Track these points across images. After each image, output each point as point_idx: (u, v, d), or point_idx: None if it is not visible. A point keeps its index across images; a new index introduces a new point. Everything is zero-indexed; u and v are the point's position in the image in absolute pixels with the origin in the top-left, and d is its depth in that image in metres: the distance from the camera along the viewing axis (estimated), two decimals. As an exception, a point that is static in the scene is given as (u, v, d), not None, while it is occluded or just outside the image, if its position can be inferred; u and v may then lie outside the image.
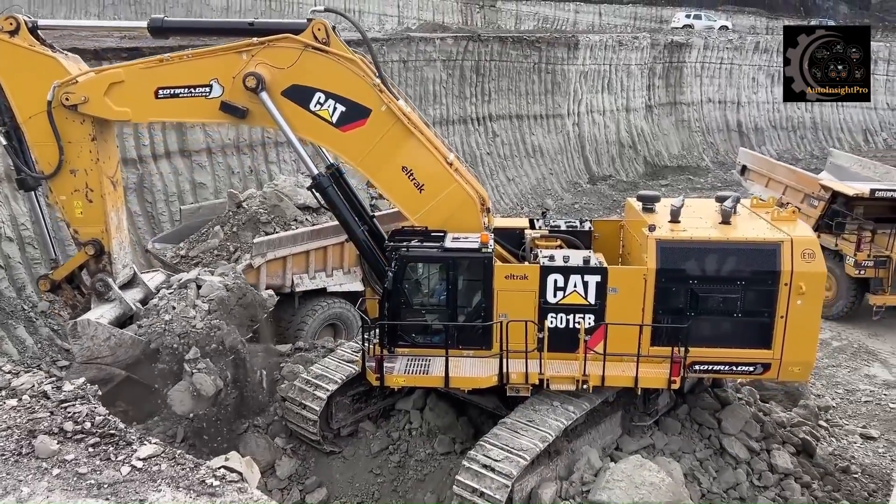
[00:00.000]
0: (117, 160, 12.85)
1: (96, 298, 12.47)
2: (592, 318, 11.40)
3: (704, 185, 38.25)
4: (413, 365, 11.61)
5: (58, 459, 6.64)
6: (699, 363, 11.58)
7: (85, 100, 11.67)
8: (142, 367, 11.85)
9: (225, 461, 6.80)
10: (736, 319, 11.46)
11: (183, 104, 11.81)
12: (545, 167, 34.92)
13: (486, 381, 11.41)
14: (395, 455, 12.55)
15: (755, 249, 11.34)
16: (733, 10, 68.11)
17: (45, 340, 16.79)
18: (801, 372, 11.85)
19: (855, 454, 14.15)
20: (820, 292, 11.43)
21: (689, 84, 42.91)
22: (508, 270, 11.44)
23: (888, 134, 47.65)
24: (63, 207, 12.26)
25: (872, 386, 17.18)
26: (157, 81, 11.72)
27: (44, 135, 11.82)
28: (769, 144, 44.51)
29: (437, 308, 11.85)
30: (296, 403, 12.51)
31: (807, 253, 11.16)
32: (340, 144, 11.86)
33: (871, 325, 20.28)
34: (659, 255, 11.25)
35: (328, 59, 11.47)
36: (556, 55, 35.78)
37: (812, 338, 11.71)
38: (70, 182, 12.05)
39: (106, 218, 12.28)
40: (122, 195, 13.06)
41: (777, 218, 12.17)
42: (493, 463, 10.29)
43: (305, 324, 16.54)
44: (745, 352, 11.51)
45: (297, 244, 16.26)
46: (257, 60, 11.50)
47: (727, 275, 11.27)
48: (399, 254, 11.41)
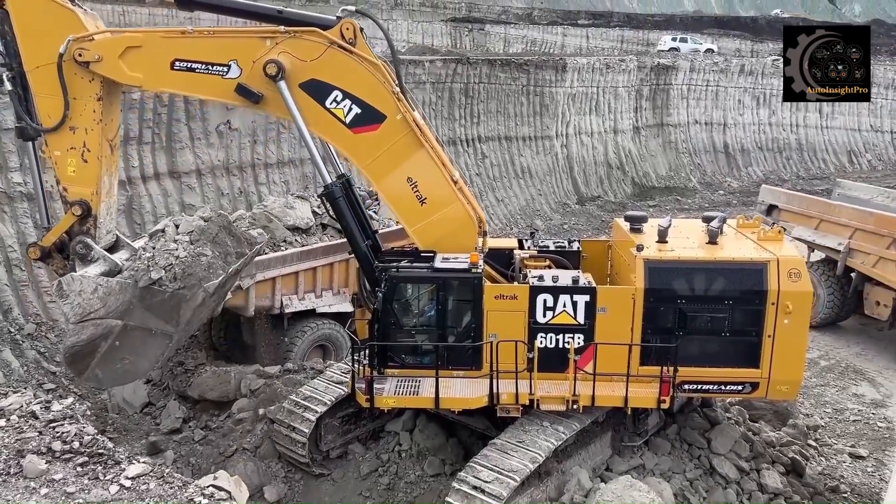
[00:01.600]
0: (118, 124, 12.67)
1: (79, 262, 12.02)
2: (582, 337, 11.44)
3: (692, 206, 38.50)
4: (403, 386, 11.56)
5: (46, 479, 6.60)
6: (688, 383, 11.61)
7: (98, 58, 11.37)
8: (136, 311, 11.40)
9: (213, 480, 6.77)
10: (724, 339, 11.50)
11: (197, 79, 11.66)
12: (534, 188, 35.10)
13: (476, 402, 11.39)
14: (384, 477, 12.48)
15: (742, 269, 11.41)
16: (718, 34, 69.09)
17: (32, 363, 16.64)
18: (789, 391, 11.88)
19: (844, 473, 14.18)
20: (806, 311, 11.46)
21: (675, 106, 43.35)
22: (498, 290, 11.46)
23: (872, 155, 48.23)
24: (56, 163, 11.86)
25: (860, 405, 17.25)
26: (176, 52, 11.56)
27: (48, 87, 11.48)
28: (755, 165, 44.94)
29: (427, 328, 11.81)
30: (284, 425, 12.44)
31: (793, 272, 11.22)
32: (350, 145, 11.83)
33: (858, 344, 20.41)
34: (647, 275, 11.31)
35: (352, 60, 11.43)
36: (545, 78, 36.10)
37: (799, 356, 11.79)
38: (68, 138, 11.67)
39: (98, 180, 11.93)
40: (117, 160, 12.84)
41: (763, 238, 12.24)
42: (484, 484, 10.25)
43: (294, 345, 16.49)
44: (733, 371, 11.54)
45: (286, 265, 16.26)
46: (281, 49, 11.40)
47: (715, 294, 11.34)
48: (389, 274, 11.41)
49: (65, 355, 11.91)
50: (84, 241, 11.94)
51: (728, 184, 42.84)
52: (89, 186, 11.90)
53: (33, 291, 18.34)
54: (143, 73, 11.64)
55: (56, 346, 17.55)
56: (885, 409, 17.04)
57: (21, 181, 18.75)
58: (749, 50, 63.70)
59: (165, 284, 11.35)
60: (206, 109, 22.90)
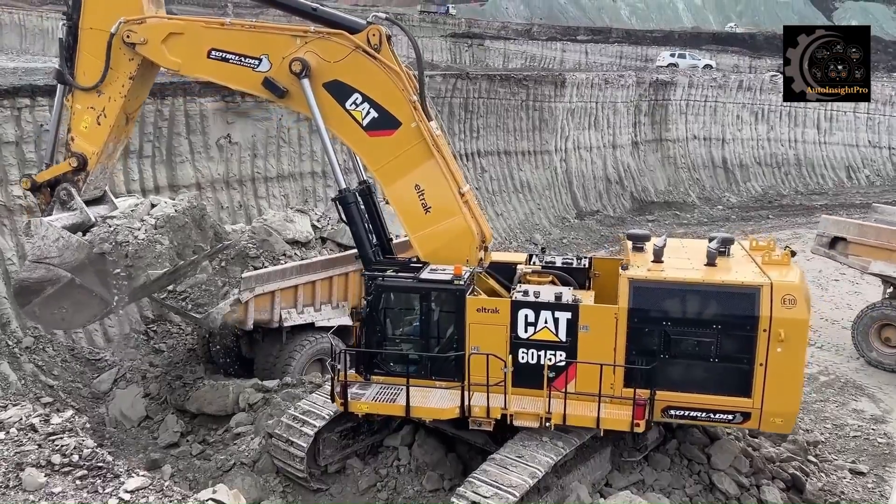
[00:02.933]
0: (143, 102, 13.88)
1: (59, 206, 13.01)
2: (564, 355, 11.26)
3: (691, 221, 38.57)
4: (383, 393, 11.65)
5: (45, 492, 6.58)
6: (675, 408, 11.32)
7: (144, 41, 12.44)
8: (85, 272, 12.43)
9: (213, 493, 6.75)
10: (713, 364, 11.10)
11: (230, 70, 12.42)
12: (533, 202, 35.16)
13: (448, 413, 11.39)
14: (383, 492, 12.42)
15: (733, 293, 10.99)
16: (717, 50, 69.39)
17: (29, 376, 16.59)
18: (784, 424, 11.44)
19: (844, 489, 14.12)
20: (802, 341, 10.95)
21: (674, 121, 43.49)
22: (480, 304, 11.44)
23: (870, 171, 48.35)
24: (73, 115, 12.99)
25: (861, 421, 17.20)
26: (213, 42, 12.36)
27: (95, 49, 12.58)
28: (754, 181, 45.04)
29: (411, 338, 11.90)
30: (282, 440, 12.39)
31: (787, 299, 10.76)
32: (364, 147, 12.24)
33: (858, 359, 20.37)
34: (632, 295, 11.06)
35: (374, 65, 11.81)
36: (544, 93, 36.24)
37: (795, 388, 11.21)
38: (92, 99, 12.79)
39: (103, 144, 13.01)
40: (132, 130, 14.15)
41: (768, 262, 11.71)
42: (483, 500, 10.22)
43: (293, 359, 16.44)
44: (723, 399, 11.15)
45: (285, 279, 16.24)
46: (308, 48, 11.95)
47: (702, 318, 10.97)
48: (375, 282, 11.57)
49: (14, 286, 13.22)
50: (69, 189, 13.00)
51: (727, 199, 42.91)
52: (94, 146, 13.01)
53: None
54: (181, 58, 12.57)
55: (54, 359, 17.51)
56: (885, 425, 16.99)
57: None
58: (747, 66, 63.99)
59: (115, 259, 12.47)
60: (206, 123, 22.99)
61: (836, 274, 28.01)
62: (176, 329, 20.69)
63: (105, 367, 17.79)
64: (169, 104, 22.15)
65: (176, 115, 22.29)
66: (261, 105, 24.36)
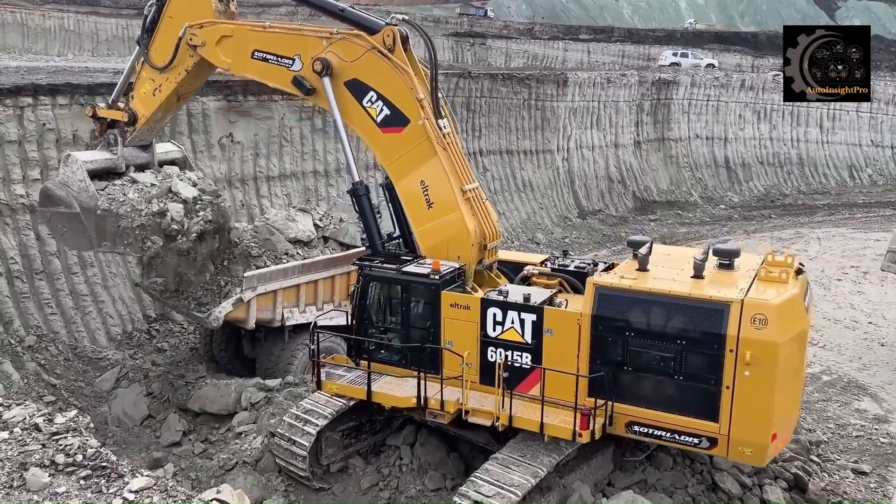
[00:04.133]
0: (196, 88, 16.07)
1: (105, 145, 15.56)
2: (529, 357, 11.12)
3: (693, 220, 38.54)
4: (360, 378, 12.00)
5: (49, 492, 6.58)
6: (639, 424, 10.77)
7: (203, 44, 13.99)
8: (89, 215, 14.78)
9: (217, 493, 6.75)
10: (678, 382, 10.36)
11: (269, 69, 13.55)
12: (535, 202, 35.15)
13: (405, 402, 11.62)
14: (385, 492, 12.43)
15: (700, 308, 10.15)
16: (719, 49, 69.31)
17: (32, 375, 16.62)
18: (754, 455, 10.43)
19: (847, 489, 14.10)
20: (772, 365, 9.88)
21: (676, 120, 43.45)
22: (454, 299, 11.54)
23: (873, 170, 48.29)
24: (139, 78, 15.18)
25: (863, 420, 17.18)
26: (256, 44, 13.56)
27: (168, 35, 14.40)
28: (756, 180, 45.00)
29: (391, 328, 12.22)
30: (285, 439, 12.40)
31: (757, 318, 9.81)
32: (377, 143, 12.78)
33: (860, 359, 20.35)
34: (596, 302, 10.62)
35: (387, 65, 12.38)
36: (546, 92, 36.21)
37: (765, 417, 10.11)
38: (155, 73, 14.79)
39: (153, 111, 15.15)
40: (181, 106, 16.74)
41: (764, 278, 10.67)
42: (485, 499, 10.22)
43: (295, 358, 16.46)
44: (688, 420, 10.42)
45: (287, 278, 16.27)
46: (331, 49, 12.81)
47: (668, 332, 10.26)
48: (363, 272, 12.09)
49: (41, 190, 15.74)
50: (116, 136, 15.44)
51: (729, 198, 42.88)
52: (145, 110, 15.23)
53: (34, 303, 18.35)
54: (231, 58, 13.93)
55: (56, 358, 17.54)
56: (887, 425, 16.96)
57: (23, 193, 18.80)
58: (750, 65, 63.94)
59: (112, 217, 14.78)
60: (208, 122, 23.00)
61: (838, 273, 28.02)
62: (178, 328, 20.72)
63: (107, 366, 17.81)
64: (171, 103, 22.14)
65: (178, 114, 22.28)
66: (263, 104, 24.40)
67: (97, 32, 57.67)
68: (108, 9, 63.29)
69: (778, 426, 10.33)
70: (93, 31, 57.68)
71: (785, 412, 10.54)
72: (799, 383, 10.96)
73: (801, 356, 10.69)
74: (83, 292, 19.55)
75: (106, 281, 20.20)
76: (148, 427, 15.87)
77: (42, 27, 56.78)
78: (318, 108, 26.36)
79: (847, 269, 28.58)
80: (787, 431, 11.09)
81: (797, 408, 11.08)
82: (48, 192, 15.16)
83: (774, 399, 10.01)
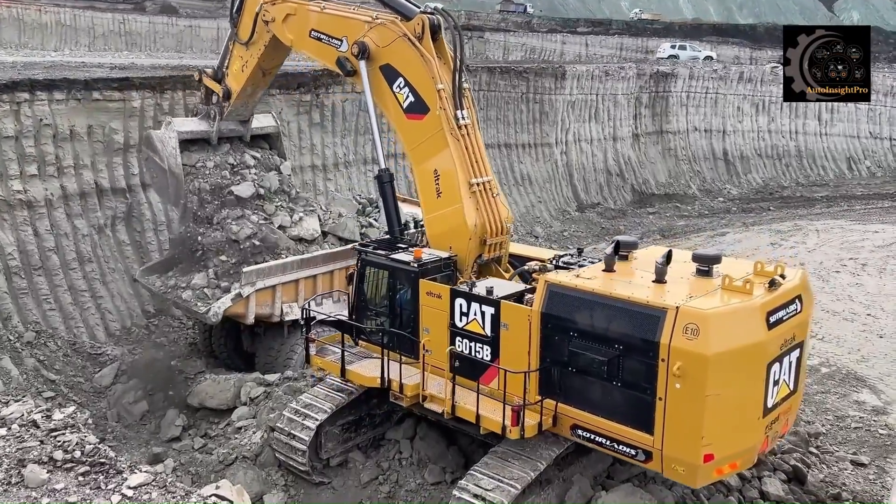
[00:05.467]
0: (279, 65, 17.04)
1: (205, 117, 17.68)
2: (489, 350, 11.11)
3: (692, 213, 38.53)
4: (352, 357, 12.48)
5: (48, 489, 6.57)
6: (582, 428, 10.46)
7: (273, 20, 15.13)
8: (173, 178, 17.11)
9: (216, 489, 6.74)
10: (616, 388, 9.92)
11: (321, 48, 14.28)
12: (534, 195, 35.13)
13: (370, 381, 11.99)
14: (384, 485, 12.44)
15: (637, 312, 9.67)
16: (717, 41, 69.24)
17: (31, 371, 16.61)
18: (686, 475, 9.68)
19: (846, 481, 14.12)
20: (701, 380, 9.16)
21: (674, 113, 43.40)
22: (429, 288, 11.68)
23: (871, 162, 48.28)
24: (231, 54, 16.78)
25: (862, 412, 17.19)
26: (312, 24, 14.40)
27: (251, 15, 15.70)
28: (755, 172, 44.98)
29: (381, 311, 12.55)
30: (284, 433, 12.41)
31: (690, 328, 9.13)
32: (402, 128, 13.14)
33: (859, 351, 20.37)
34: (546, 299, 10.40)
35: (414, 53, 12.67)
36: (544, 85, 36.15)
37: (694, 436, 9.36)
38: (242, 50, 16.31)
39: (242, 85, 16.76)
40: (268, 81, 17.53)
41: (728, 287, 9.88)
42: (485, 492, 10.23)
43: (295, 352, 16.45)
44: (625, 430, 9.95)
45: (286, 273, 16.24)
46: (370, 33, 13.28)
47: (608, 335, 9.88)
48: (360, 257, 12.58)
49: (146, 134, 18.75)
50: (214, 111, 17.56)
51: (728, 191, 42.86)
52: (237, 85, 16.82)
53: (33, 299, 18.33)
54: (293, 35, 14.87)
55: (55, 353, 17.52)
56: (886, 417, 16.98)
57: (21, 188, 18.76)
58: (748, 57, 63.83)
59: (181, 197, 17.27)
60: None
61: (837, 265, 28.01)
62: (177, 323, 20.71)
63: (106, 362, 17.80)
64: (169, 98, 22.09)
65: (176, 109, 22.23)
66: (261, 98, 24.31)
67: (94, 27, 57.48)
68: (105, 3, 63.12)
69: (717, 447, 9.47)
70: (89, 25, 57.48)
71: (729, 432, 9.59)
72: (756, 403, 9.77)
73: (755, 372, 9.64)
74: (81, 288, 19.53)
75: (104, 276, 20.18)
76: (147, 422, 15.87)
77: (38, 22, 56.61)
78: (315, 103, 26.38)
79: (845, 261, 28.55)
80: (735, 453, 9.89)
81: (757, 430, 9.93)
82: (150, 139, 17.47)
83: (704, 416, 9.26)
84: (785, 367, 10.12)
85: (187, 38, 59.33)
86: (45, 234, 19.03)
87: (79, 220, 19.99)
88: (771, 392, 9.92)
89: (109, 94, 20.70)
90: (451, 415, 11.21)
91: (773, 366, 9.81)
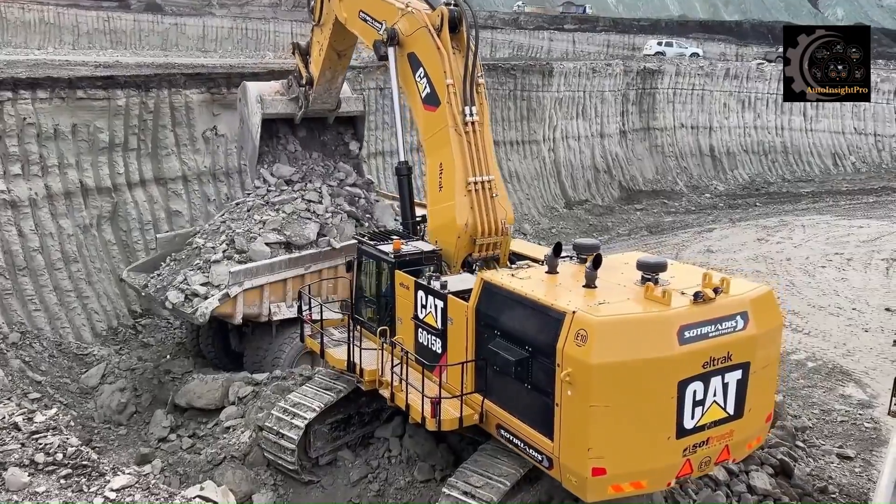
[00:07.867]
0: (351, 45, 17.49)
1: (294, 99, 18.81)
2: (439, 343, 11.19)
3: (679, 209, 38.69)
4: (329, 342, 12.99)
5: (29, 492, 6.50)
6: (504, 428, 10.33)
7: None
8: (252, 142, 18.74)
9: (200, 490, 6.69)
10: (526, 391, 9.75)
11: (366, 29, 14.73)
12: (522, 192, 35.16)
13: (339, 363, 12.42)
14: (374, 484, 12.42)
15: (544, 315, 9.47)
16: (704, 38, 69.55)
17: (16, 372, 16.45)
18: (578, 487, 9.22)
19: (832, 474, 14.23)
20: (586, 389, 8.80)
21: (661, 110, 43.56)
22: (401, 279, 11.83)
23: (856, 158, 48.62)
24: (312, 42, 18.00)
25: (848, 406, 17.33)
26: (362, 5, 14.97)
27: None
28: (741, 168, 45.22)
29: (370, 299, 12.80)
30: (273, 432, 12.36)
31: (580, 334, 8.83)
32: (420, 118, 13.31)
33: (845, 345, 20.52)
34: (480, 295, 10.37)
35: (432, 44, 12.81)
36: (532, 82, 36.19)
37: (581, 445, 8.98)
38: (318, 35, 17.47)
39: (320, 71, 17.84)
40: (346, 64, 18.35)
41: (648, 296, 9.42)
42: (474, 489, 10.21)
43: (283, 352, 16.41)
44: (534, 434, 9.69)
45: (274, 272, 16.19)
46: (400, 21, 13.57)
47: (522, 335, 9.73)
48: (357, 245, 13.03)
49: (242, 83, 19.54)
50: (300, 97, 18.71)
51: (714, 187, 43.07)
52: (316, 69, 17.91)
53: (18, 300, 18.18)
54: (347, 14, 15.58)
55: (41, 354, 17.37)
56: (871, 410, 17.13)
57: (4, 188, 18.60)
58: (734, 54, 64.18)
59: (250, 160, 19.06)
60: (192, 115, 22.80)
61: (822, 261, 28.21)
62: (164, 323, 20.60)
63: (93, 363, 17.66)
64: (154, 96, 21.94)
65: (161, 108, 22.09)
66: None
67: (78, 25, 57.12)
68: (89, 1, 62.65)
69: (610, 462, 8.98)
70: (73, 23, 57.13)
71: (626, 449, 9.07)
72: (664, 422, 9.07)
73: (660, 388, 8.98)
74: (67, 288, 19.39)
75: (90, 276, 20.04)
76: (135, 423, 15.77)
77: (22, 20, 56.20)
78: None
79: (831, 256, 28.77)
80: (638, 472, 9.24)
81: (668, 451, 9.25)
82: (245, 90, 18.97)
83: (590, 428, 8.90)
84: (714, 388, 9.34)
85: (173, 36, 59.06)
86: (30, 234, 18.87)
87: (64, 219, 19.84)
88: (689, 412, 9.18)
89: (94, 92, 20.53)
90: (391, 402, 11.53)
91: (692, 384, 9.09)
